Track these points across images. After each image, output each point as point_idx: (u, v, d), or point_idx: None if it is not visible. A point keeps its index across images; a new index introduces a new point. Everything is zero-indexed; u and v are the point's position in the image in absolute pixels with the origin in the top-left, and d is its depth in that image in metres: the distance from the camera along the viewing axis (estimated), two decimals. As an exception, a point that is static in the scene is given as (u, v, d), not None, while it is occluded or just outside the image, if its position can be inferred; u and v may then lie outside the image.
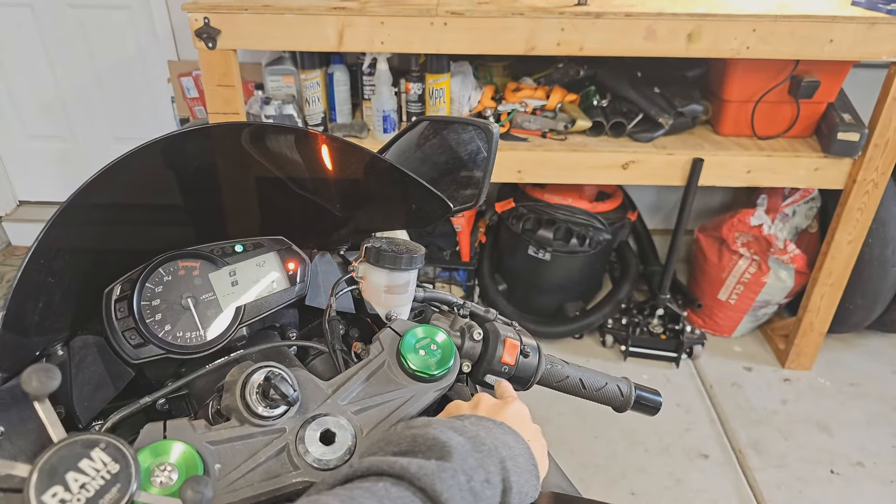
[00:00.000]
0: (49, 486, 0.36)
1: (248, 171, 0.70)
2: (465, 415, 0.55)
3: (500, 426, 0.54)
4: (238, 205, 0.73)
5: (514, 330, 0.70)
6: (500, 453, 0.50)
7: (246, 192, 0.73)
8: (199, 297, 0.67)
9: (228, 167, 0.69)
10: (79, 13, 2.62)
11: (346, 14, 1.78)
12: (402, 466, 0.43)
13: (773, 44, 1.78)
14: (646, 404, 0.77)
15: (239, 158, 0.68)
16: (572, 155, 2.05)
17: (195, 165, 0.67)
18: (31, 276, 0.52)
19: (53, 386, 0.37)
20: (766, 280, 2.30)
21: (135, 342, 0.63)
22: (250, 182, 0.71)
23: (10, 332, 0.52)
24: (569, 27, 1.78)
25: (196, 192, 0.70)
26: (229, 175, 0.70)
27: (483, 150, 0.70)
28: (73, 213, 0.53)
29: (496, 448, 0.50)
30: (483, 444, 0.49)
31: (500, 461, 0.49)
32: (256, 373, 0.53)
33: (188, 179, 0.67)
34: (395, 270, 0.65)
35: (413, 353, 0.60)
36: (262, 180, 0.72)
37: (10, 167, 3.04)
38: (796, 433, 2.13)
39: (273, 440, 0.51)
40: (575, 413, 2.14)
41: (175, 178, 0.66)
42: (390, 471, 0.43)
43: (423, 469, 0.43)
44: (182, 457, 0.46)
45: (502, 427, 0.54)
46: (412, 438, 0.47)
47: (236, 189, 0.72)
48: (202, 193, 0.70)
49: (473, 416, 0.55)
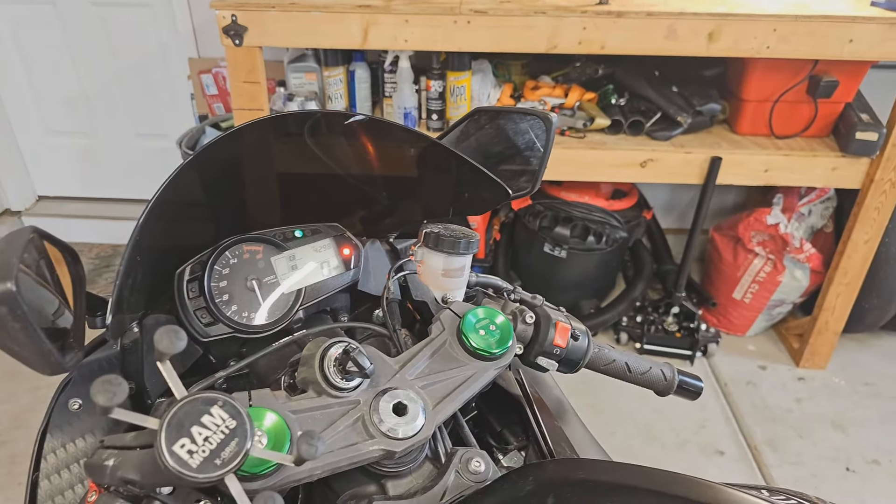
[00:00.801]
0: (178, 439, 0.39)
1: (309, 161, 0.72)
2: None
3: None
4: (297, 193, 0.75)
5: (564, 314, 0.72)
6: None
7: (304, 181, 0.75)
8: (263, 280, 0.70)
9: (291, 156, 0.72)
10: (101, 10, 2.66)
11: (371, 12, 1.80)
12: None
13: (793, 43, 1.80)
14: (688, 389, 0.79)
15: (301, 148, 0.70)
16: (590, 153, 2.08)
17: (262, 155, 0.70)
18: (131, 253, 0.55)
19: (181, 346, 0.39)
20: (782, 279, 2.32)
21: (205, 321, 0.66)
22: (309, 171, 0.74)
23: (116, 307, 0.55)
24: (590, 26, 1.80)
25: (258, 180, 0.72)
26: (290, 164, 0.73)
27: (537, 140, 0.73)
28: (168, 192, 0.56)
29: None
30: None
31: None
32: (334, 346, 0.55)
33: (254, 168, 0.70)
34: (452, 254, 0.67)
35: (474, 332, 0.62)
36: (320, 169, 0.74)
37: (30, 162, 3.07)
38: (811, 431, 2.15)
39: (349, 410, 0.54)
40: (591, 408, 2.16)
41: (243, 167, 0.69)
42: None
43: None
44: (272, 424, 0.48)
45: None
46: None
47: (295, 178, 0.74)
48: (264, 182, 0.73)
49: None
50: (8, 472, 1.91)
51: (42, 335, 0.44)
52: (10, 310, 0.42)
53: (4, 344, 0.44)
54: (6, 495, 1.84)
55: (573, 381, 2.48)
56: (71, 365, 0.47)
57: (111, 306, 0.55)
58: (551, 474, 0.56)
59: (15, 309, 0.42)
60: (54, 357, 0.45)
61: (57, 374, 0.47)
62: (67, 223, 2.99)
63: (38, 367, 0.46)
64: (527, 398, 0.74)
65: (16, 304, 0.42)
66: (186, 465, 0.39)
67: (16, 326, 0.42)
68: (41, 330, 0.44)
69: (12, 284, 0.41)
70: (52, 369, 0.46)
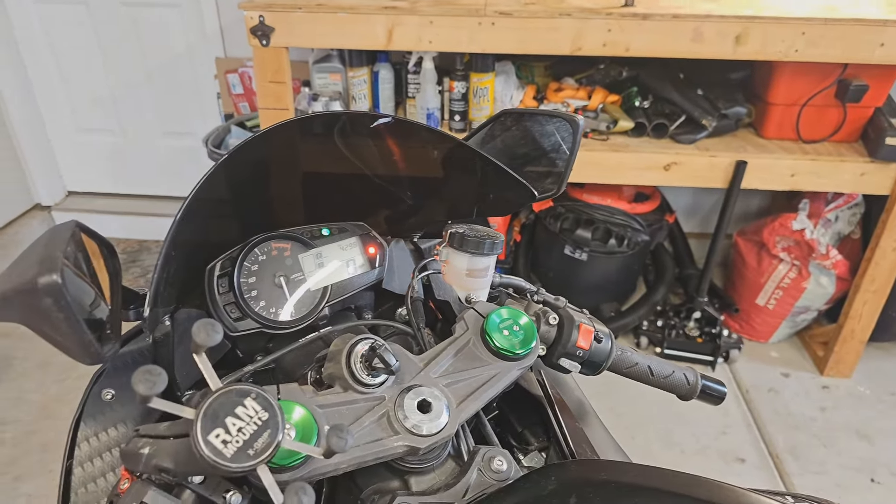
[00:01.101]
0: (213, 429, 0.40)
1: (336, 161, 0.74)
2: None
3: None
4: (323, 192, 0.76)
5: (587, 317, 0.73)
6: None
7: (331, 180, 0.76)
8: (290, 277, 0.71)
9: (318, 157, 0.73)
10: (131, 11, 2.71)
11: (396, 13, 1.82)
12: None
13: (822, 47, 1.77)
14: (711, 393, 0.79)
15: (328, 148, 0.71)
16: (614, 155, 2.07)
17: (290, 155, 0.71)
18: (167, 249, 0.56)
19: (217, 339, 0.40)
20: (807, 285, 2.29)
21: (234, 316, 0.67)
22: (336, 171, 0.75)
23: (153, 300, 0.57)
24: (615, 28, 1.80)
25: (287, 180, 0.74)
26: (318, 164, 0.74)
27: (563, 142, 0.73)
28: (202, 191, 0.58)
29: None
30: None
31: None
32: (361, 343, 0.56)
33: (283, 168, 0.71)
34: (477, 255, 0.68)
35: (498, 332, 0.63)
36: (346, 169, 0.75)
37: (60, 158, 3.14)
38: (835, 440, 2.12)
39: (374, 406, 0.55)
40: (611, 412, 2.15)
41: (272, 167, 0.71)
42: None
43: None
44: (300, 418, 0.49)
45: None
46: None
47: (322, 177, 0.76)
48: (292, 181, 0.74)
49: None
50: (39, 461, 1.96)
51: (84, 326, 0.45)
52: (54, 301, 0.43)
53: (47, 334, 0.46)
54: (37, 483, 1.89)
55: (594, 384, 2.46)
56: (109, 355, 0.49)
57: (149, 299, 0.57)
58: (574, 474, 0.56)
59: (59, 300, 0.43)
60: (94, 347, 0.47)
61: (96, 363, 0.49)
62: (95, 218, 3.05)
63: (79, 357, 0.47)
64: (548, 399, 0.75)
65: (60, 295, 0.43)
66: (221, 454, 0.40)
67: (59, 317, 0.44)
68: (83, 321, 0.45)
69: (58, 276, 0.43)
70: (91, 359, 0.48)
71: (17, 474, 1.91)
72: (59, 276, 0.43)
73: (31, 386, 2.25)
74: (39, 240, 0.50)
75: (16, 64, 2.82)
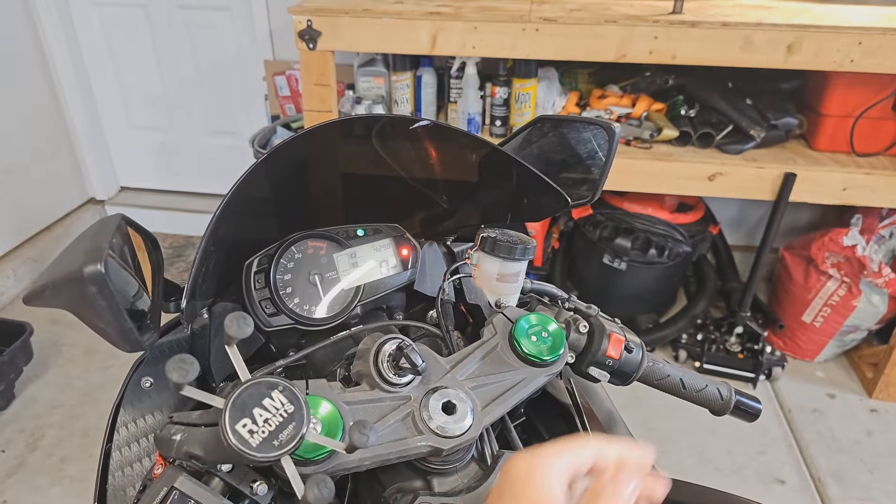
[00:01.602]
0: (240, 419, 0.41)
1: (373, 163, 0.75)
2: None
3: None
4: (360, 193, 0.78)
5: (618, 326, 0.72)
6: None
7: (367, 182, 0.77)
8: (325, 275, 0.72)
9: (355, 158, 0.74)
10: (186, 14, 2.80)
11: (440, 19, 1.83)
12: None
13: (880, 57, 1.71)
14: (745, 409, 0.77)
15: (366, 150, 0.72)
16: (657, 164, 2.04)
17: (329, 156, 0.73)
18: (206, 243, 0.58)
19: (248, 332, 0.42)
20: (857, 304, 2.21)
21: (269, 311, 0.69)
22: (373, 172, 0.76)
23: (191, 293, 0.59)
24: (662, 35, 1.77)
25: (324, 180, 0.75)
26: (355, 165, 0.75)
27: (599, 149, 0.73)
28: (242, 188, 0.60)
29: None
30: None
31: None
32: (388, 342, 0.57)
33: (321, 169, 0.73)
34: (508, 260, 0.68)
35: (526, 338, 0.63)
36: (383, 171, 0.76)
37: (114, 155, 3.26)
38: (882, 466, 2.03)
39: (400, 405, 0.55)
40: (643, 425, 2.11)
41: (311, 167, 0.72)
42: None
43: None
44: (327, 413, 0.50)
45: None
46: None
47: (359, 179, 0.77)
48: (330, 182, 0.76)
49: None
50: (80, 445, 2.04)
51: (125, 315, 0.47)
52: (98, 289, 0.45)
53: (91, 321, 0.48)
54: (78, 466, 1.96)
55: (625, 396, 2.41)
56: (148, 344, 0.51)
57: (186, 292, 0.59)
58: None
59: (103, 289, 0.45)
60: (134, 335, 0.49)
61: (136, 351, 0.51)
62: (145, 213, 3.16)
63: (119, 344, 0.49)
64: (577, 408, 0.74)
65: (104, 284, 0.45)
66: (247, 443, 0.41)
67: (103, 305, 0.46)
68: (124, 310, 0.47)
69: (102, 266, 0.45)
70: (132, 347, 0.50)
71: (62, 456, 1.99)
72: (103, 266, 0.46)
73: (76, 372, 2.34)
74: (87, 231, 0.53)
75: (77, 64, 2.95)
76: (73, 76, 2.93)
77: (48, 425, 2.12)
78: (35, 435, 2.08)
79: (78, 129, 3.04)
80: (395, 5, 1.93)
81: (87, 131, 3.09)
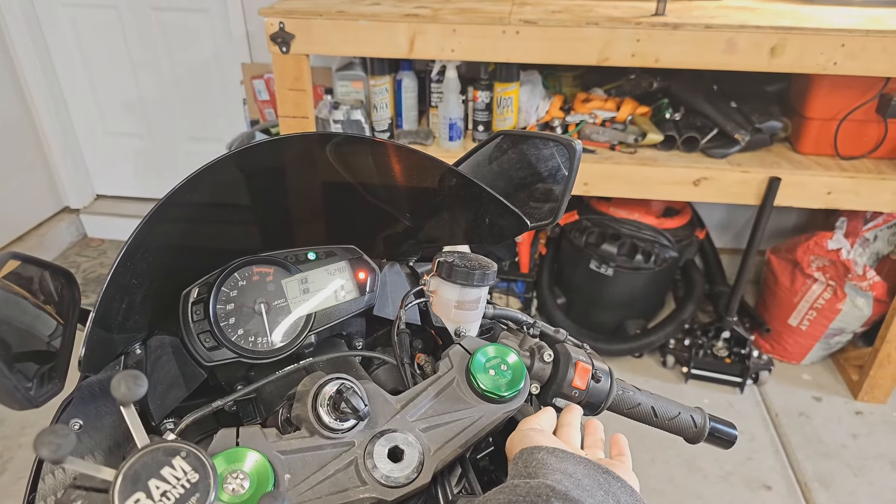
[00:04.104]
0: (133, 492, 0.37)
1: (323, 181, 0.70)
2: (575, 456, 0.53)
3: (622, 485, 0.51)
4: (311, 213, 0.74)
5: (586, 353, 0.68)
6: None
7: (319, 201, 0.73)
8: (272, 303, 0.68)
9: (305, 176, 0.70)
10: (160, 16, 2.74)
11: (418, 21, 1.79)
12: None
13: (863, 60, 1.68)
14: (720, 437, 0.74)
15: (315, 168, 0.68)
16: (641, 169, 2.00)
17: (273, 174, 0.68)
18: (119, 277, 0.53)
19: (141, 393, 0.37)
20: (842, 307, 2.18)
21: (209, 345, 0.65)
22: (324, 191, 0.72)
23: (98, 331, 0.53)
24: (645, 38, 1.74)
25: (271, 199, 0.71)
26: (304, 184, 0.71)
27: (563, 167, 0.68)
28: (161, 216, 0.55)
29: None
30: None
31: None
32: (328, 384, 0.52)
33: (265, 188, 0.68)
34: (466, 286, 0.64)
35: (483, 372, 0.59)
36: (336, 190, 0.72)
37: (89, 162, 3.19)
38: (868, 469, 2.01)
39: (342, 453, 0.51)
40: (632, 433, 2.07)
41: (253, 186, 0.68)
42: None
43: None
44: (255, 465, 0.46)
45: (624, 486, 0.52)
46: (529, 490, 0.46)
47: (310, 198, 0.73)
48: (277, 201, 0.71)
49: (587, 462, 0.52)
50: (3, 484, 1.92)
51: (6, 371, 0.42)
52: None
53: None
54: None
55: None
56: (44, 398, 0.46)
57: (86, 337, 0.53)
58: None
59: None
60: (21, 393, 0.43)
61: (29, 408, 0.46)
62: (123, 222, 3.09)
63: (6, 402, 0.44)
64: None
65: None
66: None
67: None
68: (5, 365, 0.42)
69: None
70: (20, 405, 0.44)
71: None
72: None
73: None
74: None
75: (46, 67, 2.87)
76: (42, 80, 2.85)
77: (17, 446, 2.05)
78: (3, 457, 2.01)
79: (50, 136, 2.97)
80: (371, 7, 1.89)
81: (60, 138, 3.01)
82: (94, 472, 0.36)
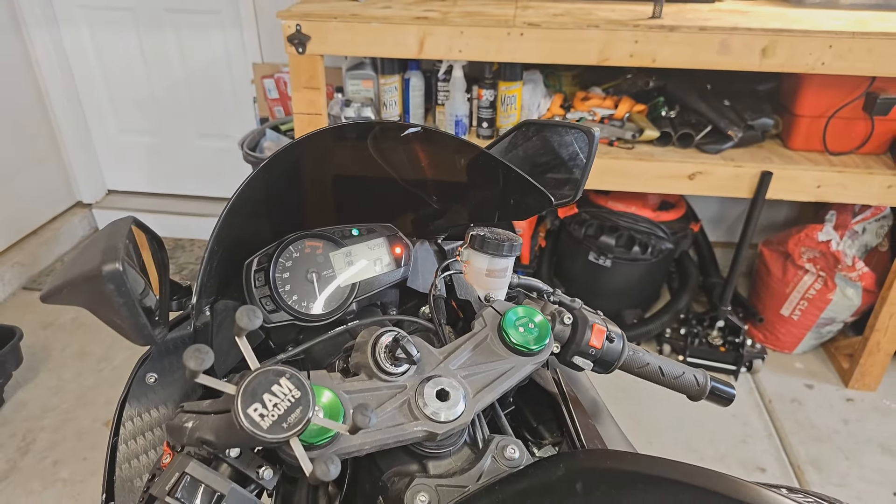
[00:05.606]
0: (251, 403, 0.45)
1: (366, 166, 0.79)
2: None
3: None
4: (354, 195, 0.82)
5: (601, 318, 0.76)
6: None
7: (361, 184, 0.81)
8: (321, 273, 0.76)
9: (349, 162, 0.78)
10: (174, 17, 2.82)
11: (427, 24, 1.87)
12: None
13: (850, 60, 1.78)
14: (720, 395, 0.82)
15: (363, 154, 0.76)
16: (639, 164, 2.09)
17: (326, 159, 0.76)
18: (212, 244, 0.62)
19: (257, 324, 0.45)
20: (832, 297, 2.28)
21: (269, 308, 0.73)
22: (366, 175, 0.80)
23: (199, 291, 0.62)
24: (642, 39, 1.83)
25: (320, 183, 0.79)
26: (349, 169, 0.79)
27: (580, 152, 0.77)
28: (244, 193, 0.63)
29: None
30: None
31: None
32: (385, 335, 0.61)
33: (317, 173, 0.77)
34: (496, 256, 0.72)
35: (514, 329, 0.67)
36: (376, 174, 0.80)
37: (102, 158, 3.27)
38: (858, 453, 2.10)
39: (396, 394, 0.59)
40: (629, 417, 2.17)
41: (307, 171, 0.76)
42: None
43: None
44: (328, 401, 0.54)
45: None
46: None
47: (353, 181, 0.81)
48: (325, 185, 0.80)
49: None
50: (73, 448, 2.05)
51: (140, 310, 0.51)
52: (116, 287, 0.49)
53: (107, 317, 0.52)
54: (71, 469, 1.97)
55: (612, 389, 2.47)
56: (160, 338, 0.54)
57: (196, 289, 0.62)
58: (580, 463, 0.60)
59: (120, 286, 0.49)
60: (148, 330, 0.52)
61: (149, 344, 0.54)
62: (133, 217, 3.16)
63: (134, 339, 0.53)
64: (563, 396, 0.78)
65: (121, 282, 0.49)
66: (258, 426, 0.45)
67: (119, 301, 0.50)
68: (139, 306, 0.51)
69: (119, 265, 0.49)
70: (145, 340, 0.53)
71: (55, 459, 2.00)
72: (120, 264, 0.49)
73: (68, 375, 2.35)
74: (102, 232, 0.56)
75: (63, 66, 2.96)
76: (59, 79, 2.94)
77: (40, 429, 2.13)
78: (27, 439, 2.09)
79: (65, 133, 3.05)
80: (383, 10, 1.97)
81: (74, 135, 3.09)
82: (221, 387, 0.45)
